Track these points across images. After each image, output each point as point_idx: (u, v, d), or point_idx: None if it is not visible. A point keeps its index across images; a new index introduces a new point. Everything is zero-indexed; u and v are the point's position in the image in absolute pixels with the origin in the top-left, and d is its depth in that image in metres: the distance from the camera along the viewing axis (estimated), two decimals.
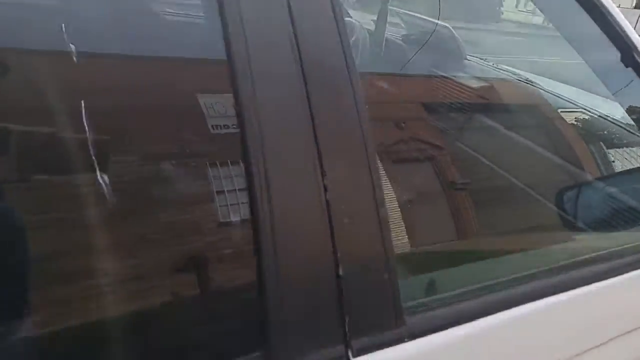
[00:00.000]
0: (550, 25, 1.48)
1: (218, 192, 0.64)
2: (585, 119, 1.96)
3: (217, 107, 0.65)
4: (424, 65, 1.72)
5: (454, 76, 1.72)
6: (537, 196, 1.33)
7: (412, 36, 1.95)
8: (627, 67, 1.20)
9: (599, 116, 1.90)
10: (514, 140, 1.54)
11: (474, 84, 1.72)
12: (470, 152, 1.53)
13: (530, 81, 1.94)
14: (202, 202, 0.68)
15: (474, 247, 1.22)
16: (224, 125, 0.63)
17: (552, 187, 1.35)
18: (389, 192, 1.33)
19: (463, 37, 2.00)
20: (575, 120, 1.95)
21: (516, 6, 10.18)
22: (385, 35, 1.91)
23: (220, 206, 0.65)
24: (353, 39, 1.88)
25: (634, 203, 1.29)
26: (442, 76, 1.70)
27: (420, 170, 1.52)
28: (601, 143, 1.87)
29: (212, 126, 0.65)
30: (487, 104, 1.67)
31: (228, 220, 0.64)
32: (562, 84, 2.21)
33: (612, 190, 1.30)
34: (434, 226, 1.30)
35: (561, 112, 1.91)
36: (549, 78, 2.29)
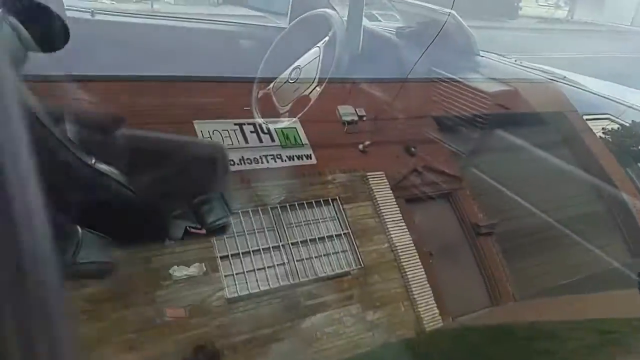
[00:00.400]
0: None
1: None
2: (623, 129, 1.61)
3: None
4: (422, 65, 1.27)
5: (463, 78, 1.27)
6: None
7: (408, 29, 1.51)
8: None
9: None
10: (547, 168, 1.10)
11: (490, 87, 1.27)
12: (490, 184, 1.09)
13: (564, 78, 1.49)
14: None
15: None
16: None
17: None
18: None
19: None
20: (611, 132, 1.61)
21: (536, 0, 9.59)
22: (373, 29, 1.48)
23: None
24: (330, 34, 1.48)
25: None
26: (446, 78, 1.26)
27: (425, 209, 1.11)
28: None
29: None
30: (509, 114, 1.22)
31: None
32: (596, 79, 1.81)
33: None
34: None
35: (593, 119, 1.57)
36: (582, 74, 1.88)
